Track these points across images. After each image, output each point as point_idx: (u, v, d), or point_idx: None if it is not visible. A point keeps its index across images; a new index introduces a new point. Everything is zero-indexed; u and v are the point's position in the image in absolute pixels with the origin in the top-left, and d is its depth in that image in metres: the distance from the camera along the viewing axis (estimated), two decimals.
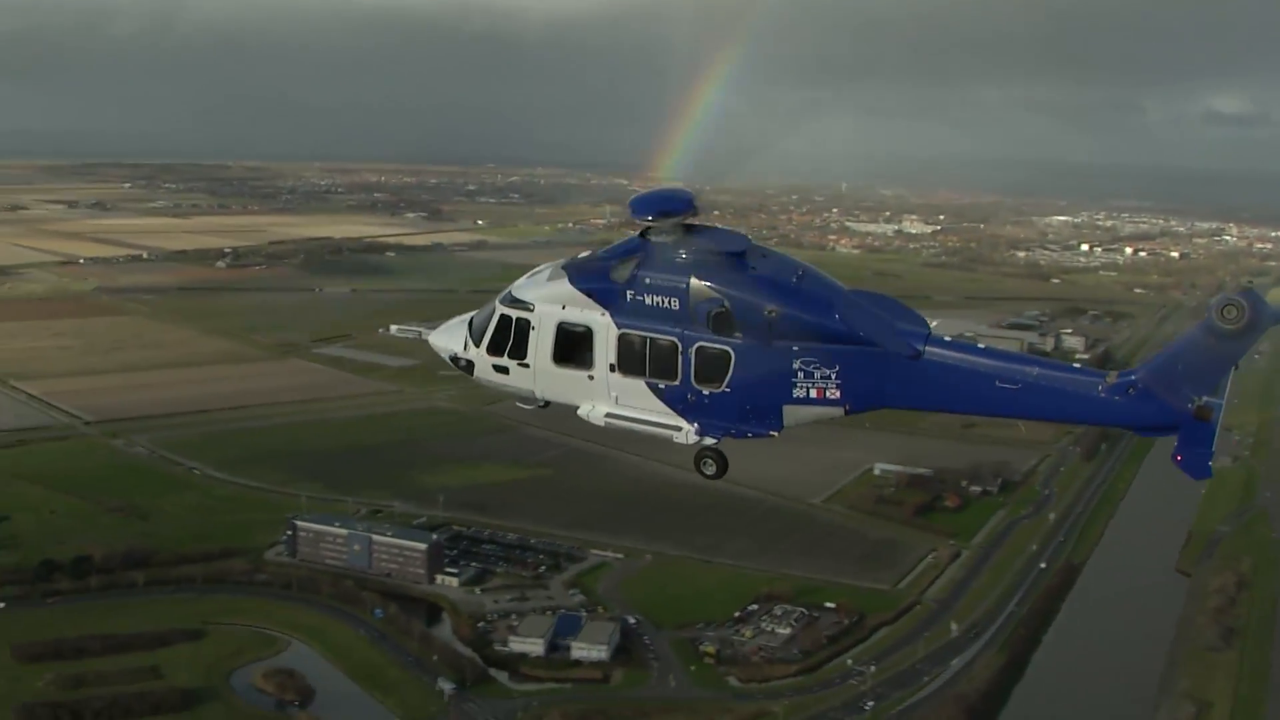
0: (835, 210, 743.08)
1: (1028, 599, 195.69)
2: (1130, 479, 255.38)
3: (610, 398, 28.45)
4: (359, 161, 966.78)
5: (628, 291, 27.75)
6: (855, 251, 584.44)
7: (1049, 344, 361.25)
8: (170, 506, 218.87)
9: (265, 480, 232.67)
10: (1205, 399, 25.24)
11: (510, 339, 29.22)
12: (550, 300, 28.64)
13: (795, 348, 27.16)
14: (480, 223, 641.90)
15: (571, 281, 28.39)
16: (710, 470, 28.91)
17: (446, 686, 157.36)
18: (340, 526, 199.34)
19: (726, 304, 27.22)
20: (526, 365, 29.13)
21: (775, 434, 28.24)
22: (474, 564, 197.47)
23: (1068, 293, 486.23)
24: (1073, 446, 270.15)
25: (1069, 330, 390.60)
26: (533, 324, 28.83)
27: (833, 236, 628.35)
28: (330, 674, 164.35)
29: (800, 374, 27.29)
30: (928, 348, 27.00)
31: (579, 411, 28.95)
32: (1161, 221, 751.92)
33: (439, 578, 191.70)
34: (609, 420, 28.64)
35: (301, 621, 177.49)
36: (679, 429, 28.18)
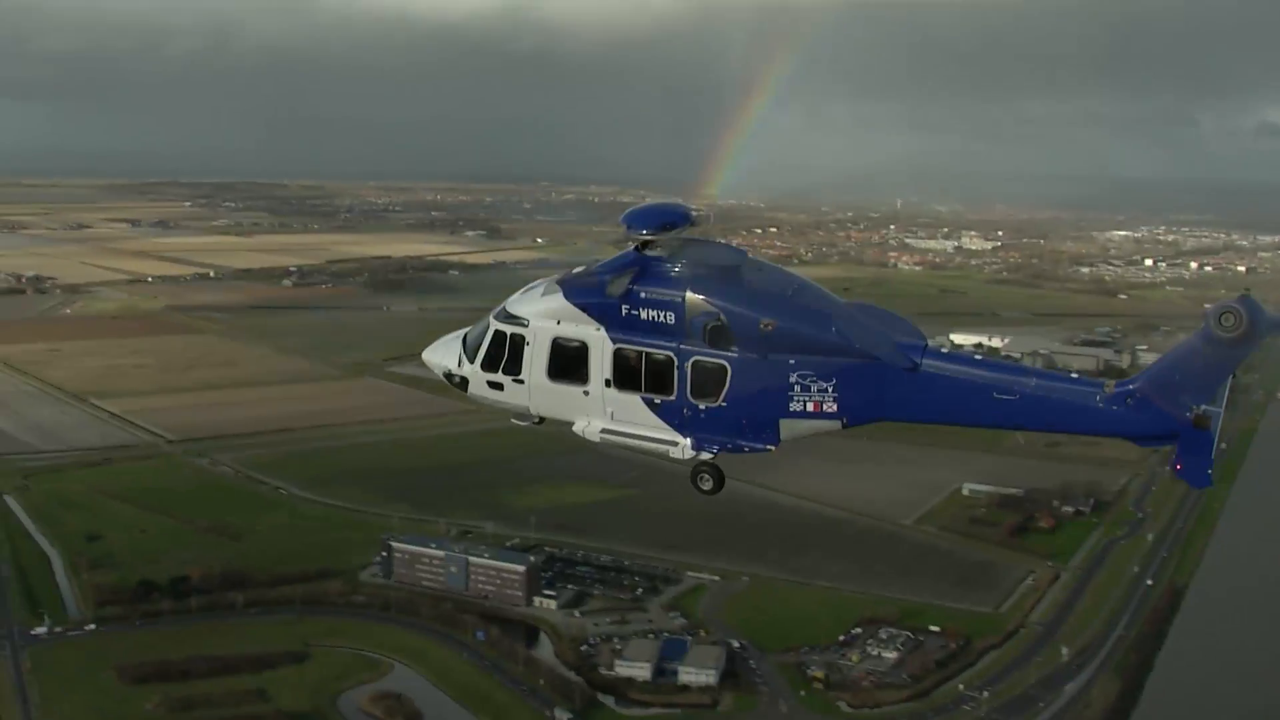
0: (893, 227, 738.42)
1: (1135, 622, 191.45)
2: (1224, 498, 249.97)
3: (606, 413, 28.38)
4: (413, 180, 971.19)
5: (623, 306, 27.67)
6: (917, 269, 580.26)
7: (1125, 361, 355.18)
8: (261, 526, 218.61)
9: (353, 500, 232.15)
10: (1204, 407, 25.20)
11: (505, 355, 29.14)
12: (545, 315, 28.56)
13: (792, 361, 27.09)
14: (540, 241, 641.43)
15: (566, 296, 28.32)
16: (707, 486, 28.58)
17: (563, 716, 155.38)
18: (436, 548, 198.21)
19: (723, 317, 27.12)
20: (521, 381, 29.03)
21: (772, 448, 28.10)
22: (570, 586, 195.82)
23: (1136, 309, 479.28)
24: (1161, 466, 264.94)
25: (1144, 347, 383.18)
26: (527, 339, 28.74)
27: (893, 254, 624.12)
28: (436, 698, 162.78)
29: (797, 387, 27.21)
30: (925, 359, 27.01)
31: (575, 427, 28.80)
32: (1224, 236, 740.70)
33: (537, 600, 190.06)
34: (605, 436, 28.52)
35: (403, 644, 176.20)
36: (675, 444, 28.04)
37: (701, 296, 27.27)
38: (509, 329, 29.12)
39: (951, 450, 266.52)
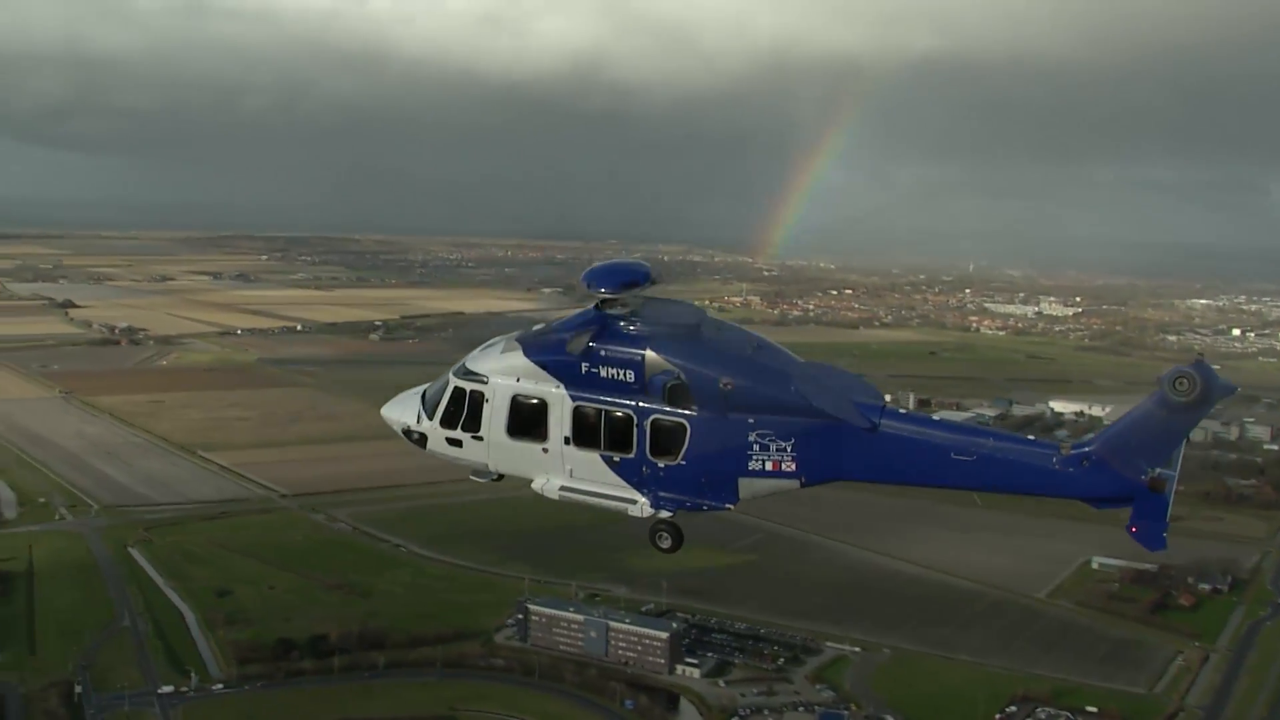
0: (968, 291, 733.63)
1: None
2: None
3: (565, 471, 28.37)
4: (482, 236, 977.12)
5: (583, 364, 27.72)
6: (1000, 333, 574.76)
7: (1233, 433, 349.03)
8: (386, 584, 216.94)
9: (474, 559, 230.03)
10: (1159, 471, 25.65)
11: (464, 411, 29.11)
12: (504, 373, 28.59)
13: (751, 420, 27.10)
14: None
15: (526, 354, 28.42)
16: (665, 544, 28.87)
17: None
18: (574, 611, 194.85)
19: (682, 376, 27.13)
20: (480, 438, 28.99)
21: (731, 507, 28.14)
22: (710, 654, 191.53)
23: (1232, 380, 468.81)
24: None
25: (1251, 419, 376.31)
26: (486, 396, 28.74)
27: (973, 318, 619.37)
28: None
29: (756, 446, 27.20)
30: (883, 420, 27.04)
31: (533, 485, 28.87)
32: None
33: (679, 668, 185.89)
34: (563, 494, 28.58)
35: (549, 710, 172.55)
36: (634, 502, 28.15)
37: (661, 355, 27.25)
38: (468, 385, 29.06)
39: (1070, 521, 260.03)
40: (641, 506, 28.19)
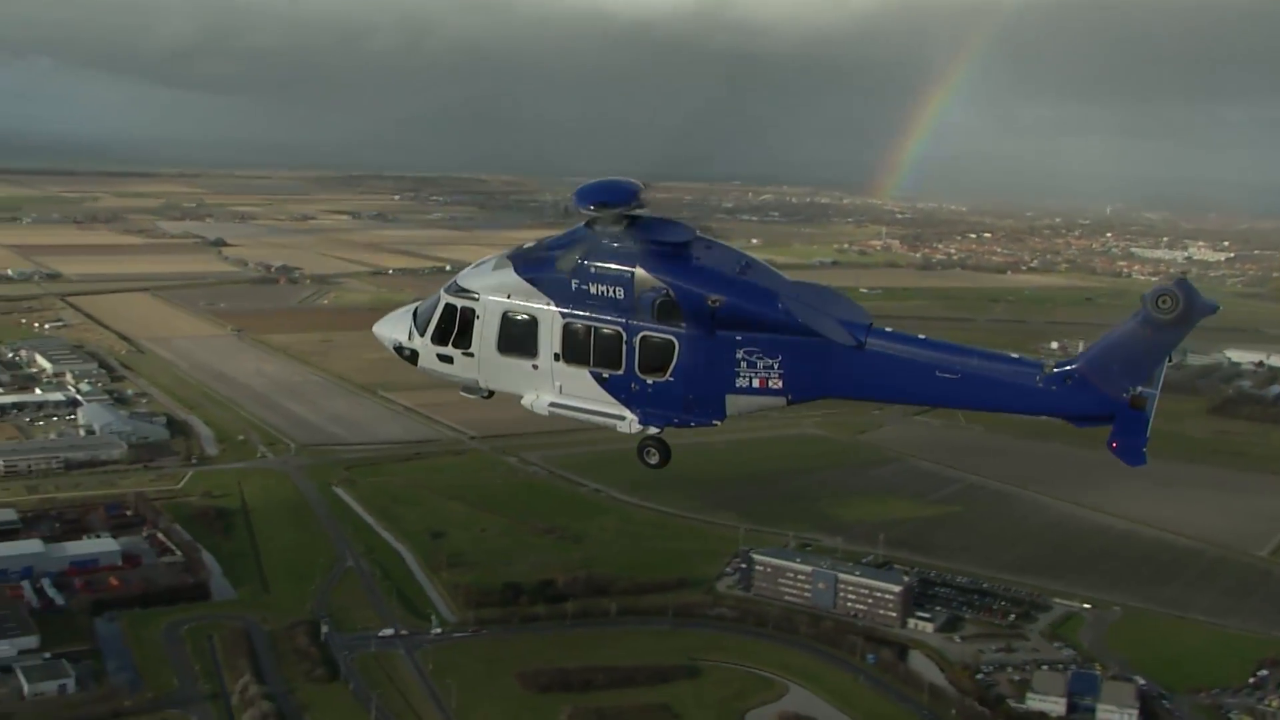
0: (1109, 235, 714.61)
1: None
2: None
3: (554, 387, 28.48)
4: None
5: (573, 281, 27.70)
6: (1153, 279, 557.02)
7: None
8: (595, 530, 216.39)
9: (677, 506, 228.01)
10: (1140, 389, 25.81)
11: (455, 328, 29.13)
12: (495, 290, 28.56)
13: (738, 337, 27.33)
14: (754, 242, 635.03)
15: (517, 271, 28.41)
16: (653, 460, 28.98)
17: None
18: (801, 562, 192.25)
19: (671, 293, 27.14)
20: (471, 354, 29.09)
21: (718, 423, 28.20)
22: (939, 608, 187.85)
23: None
24: None
25: None
26: (477, 313, 28.75)
27: (1122, 263, 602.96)
28: None
29: (743, 363, 27.49)
30: (869, 338, 27.20)
31: (523, 401, 28.92)
32: None
33: (910, 622, 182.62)
34: (553, 409, 28.62)
35: (790, 662, 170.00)
36: (623, 418, 28.27)
37: (650, 272, 27.23)
38: (459, 303, 29.01)
39: (1273, 476, 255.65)
40: (630, 423, 28.29)
